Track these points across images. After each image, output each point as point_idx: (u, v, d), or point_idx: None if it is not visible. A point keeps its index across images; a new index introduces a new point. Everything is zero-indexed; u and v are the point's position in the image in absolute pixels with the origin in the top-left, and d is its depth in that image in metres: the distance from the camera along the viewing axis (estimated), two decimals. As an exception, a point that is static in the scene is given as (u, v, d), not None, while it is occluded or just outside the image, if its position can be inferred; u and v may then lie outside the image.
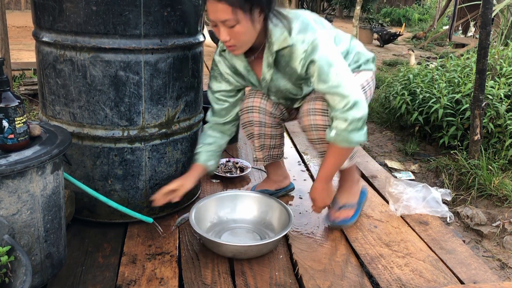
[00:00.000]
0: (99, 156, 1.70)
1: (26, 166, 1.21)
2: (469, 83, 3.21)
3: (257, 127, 1.90)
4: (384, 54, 8.34)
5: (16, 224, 1.25)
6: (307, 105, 1.68)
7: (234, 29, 1.48)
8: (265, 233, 1.79)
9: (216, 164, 1.83)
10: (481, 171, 2.56)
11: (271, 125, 1.91)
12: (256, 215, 1.88)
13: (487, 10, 2.58)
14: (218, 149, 1.83)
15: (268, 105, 1.87)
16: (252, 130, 1.91)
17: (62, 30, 1.59)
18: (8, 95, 1.27)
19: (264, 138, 1.94)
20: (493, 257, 2.05)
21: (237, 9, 1.44)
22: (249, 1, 1.45)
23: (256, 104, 1.86)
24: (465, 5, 7.68)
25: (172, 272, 1.55)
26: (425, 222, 1.99)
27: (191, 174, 1.75)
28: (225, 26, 1.48)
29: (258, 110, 1.86)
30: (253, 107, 1.87)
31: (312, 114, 1.66)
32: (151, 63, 1.64)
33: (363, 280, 1.57)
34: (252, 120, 1.88)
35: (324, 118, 1.65)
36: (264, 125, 1.89)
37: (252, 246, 1.65)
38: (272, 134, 1.94)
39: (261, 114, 1.87)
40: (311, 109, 1.66)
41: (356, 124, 1.53)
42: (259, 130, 1.91)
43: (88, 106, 1.64)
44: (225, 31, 1.50)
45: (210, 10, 1.48)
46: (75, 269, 1.54)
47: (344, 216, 1.85)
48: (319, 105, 1.65)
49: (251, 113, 1.87)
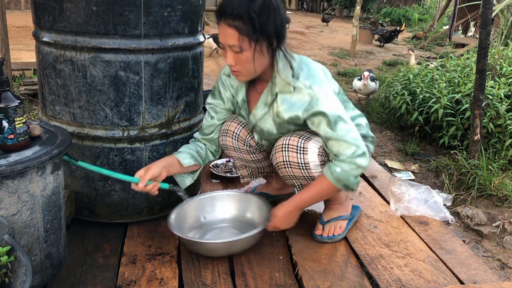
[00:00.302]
0: (99, 156, 1.70)
1: (26, 166, 1.21)
2: (469, 83, 3.21)
3: (233, 151, 1.84)
4: (384, 54, 8.34)
5: (16, 224, 1.25)
6: (282, 141, 1.63)
7: (240, 55, 1.50)
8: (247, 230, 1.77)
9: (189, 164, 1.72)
10: (481, 171, 2.56)
11: (248, 152, 1.83)
12: (236, 213, 1.87)
13: (487, 10, 2.58)
14: (197, 154, 1.75)
15: (242, 132, 1.79)
16: (229, 153, 1.87)
17: (62, 30, 1.59)
18: (8, 95, 1.27)
19: (245, 161, 1.89)
20: (493, 257, 2.05)
21: (244, 37, 1.45)
22: (257, 33, 1.46)
23: (231, 128, 1.79)
24: (465, 5, 7.68)
25: (172, 273, 1.55)
26: (425, 222, 1.99)
27: (159, 161, 1.65)
28: (232, 51, 1.50)
29: (232, 135, 1.79)
30: (228, 131, 1.80)
31: (285, 150, 1.61)
32: (151, 63, 1.64)
33: (363, 281, 1.57)
34: (225, 144, 1.82)
35: (297, 156, 1.60)
36: (239, 151, 1.83)
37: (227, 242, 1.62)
38: (254, 159, 1.86)
39: (235, 140, 1.80)
40: (285, 144, 1.62)
41: (360, 171, 1.55)
42: (237, 155, 1.86)
43: (88, 106, 1.64)
44: (231, 56, 1.51)
45: (220, 32, 1.51)
46: (75, 269, 1.54)
47: (331, 232, 1.80)
48: (294, 141, 1.60)
49: (225, 136, 1.80)
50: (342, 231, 1.81)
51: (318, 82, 1.56)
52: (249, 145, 1.81)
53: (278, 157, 1.64)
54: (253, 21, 1.44)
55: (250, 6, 1.44)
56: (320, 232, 1.80)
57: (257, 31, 1.46)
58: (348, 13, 15.22)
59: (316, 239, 1.79)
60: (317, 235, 1.79)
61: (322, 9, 16.63)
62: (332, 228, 1.80)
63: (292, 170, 1.63)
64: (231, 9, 1.45)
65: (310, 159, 1.59)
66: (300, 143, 1.59)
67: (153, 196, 1.79)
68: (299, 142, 1.60)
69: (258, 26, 1.45)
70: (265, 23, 1.45)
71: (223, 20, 1.47)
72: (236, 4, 1.45)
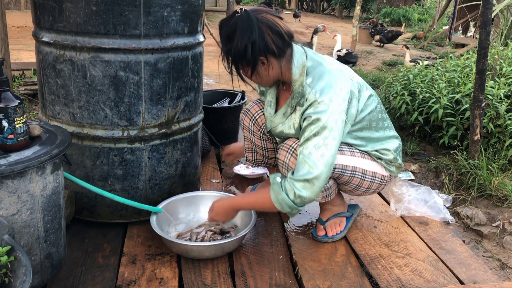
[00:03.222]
0: (99, 156, 1.70)
1: (26, 166, 1.21)
2: (469, 83, 3.21)
3: (247, 131, 1.94)
4: (384, 54, 8.34)
5: (16, 224, 1.25)
6: (291, 142, 1.63)
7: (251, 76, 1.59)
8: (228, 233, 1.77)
9: None
10: (481, 171, 2.56)
11: (260, 138, 1.91)
12: None
13: (487, 10, 2.58)
14: None
15: (261, 118, 1.88)
16: (243, 132, 1.97)
17: (62, 30, 1.59)
18: (8, 95, 1.26)
19: (254, 145, 1.95)
20: (493, 257, 2.05)
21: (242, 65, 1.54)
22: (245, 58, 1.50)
23: (252, 110, 1.90)
24: (465, 5, 7.68)
25: (172, 272, 1.55)
26: (425, 222, 1.99)
27: (241, 145, 2.12)
28: None
29: (250, 117, 1.90)
30: (249, 112, 1.91)
31: (289, 152, 1.61)
32: (151, 63, 1.64)
33: (362, 281, 1.57)
34: (243, 123, 1.94)
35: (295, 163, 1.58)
36: (253, 134, 1.91)
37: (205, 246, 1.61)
38: (263, 146, 1.94)
39: (251, 123, 1.90)
40: (291, 147, 1.62)
41: (298, 200, 1.48)
42: (249, 136, 1.94)
43: (88, 106, 1.64)
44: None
45: None
46: (75, 269, 1.54)
47: (333, 232, 1.80)
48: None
49: (245, 116, 1.92)
50: (342, 228, 1.82)
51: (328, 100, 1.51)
52: (263, 132, 1.89)
53: (281, 155, 1.65)
54: (238, 59, 1.51)
55: (227, 44, 1.52)
56: (323, 233, 1.80)
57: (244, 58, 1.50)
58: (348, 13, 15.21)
59: (318, 240, 1.79)
60: (319, 236, 1.79)
61: (322, 9, 16.63)
62: (333, 226, 1.81)
63: (287, 173, 1.63)
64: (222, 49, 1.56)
65: None
66: None
67: (153, 196, 1.80)
68: None
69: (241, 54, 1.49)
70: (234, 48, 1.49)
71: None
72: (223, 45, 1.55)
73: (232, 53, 1.51)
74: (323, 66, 1.58)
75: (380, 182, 1.75)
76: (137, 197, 1.77)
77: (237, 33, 1.48)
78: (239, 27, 1.48)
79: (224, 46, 1.54)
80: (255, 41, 1.48)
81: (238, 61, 1.53)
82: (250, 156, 2.01)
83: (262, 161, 1.99)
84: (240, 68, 1.56)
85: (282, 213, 1.98)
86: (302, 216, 1.99)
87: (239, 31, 1.48)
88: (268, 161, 1.98)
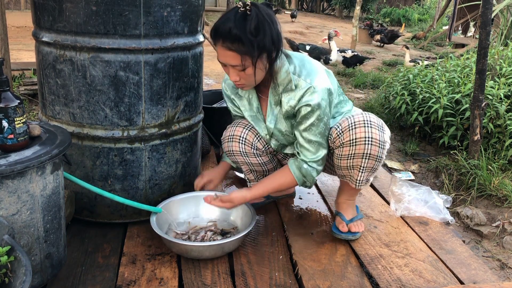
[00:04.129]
0: (99, 156, 1.70)
1: (26, 166, 1.21)
2: (469, 83, 3.21)
3: (239, 156, 1.86)
4: (384, 54, 8.34)
5: (16, 224, 1.25)
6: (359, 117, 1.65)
7: (243, 71, 1.54)
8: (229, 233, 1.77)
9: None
10: (481, 171, 2.56)
11: (255, 155, 1.85)
12: (219, 215, 1.86)
13: (487, 10, 2.58)
14: None
15: (249, 136, 1.82)
16: (235, 159, 1.88)
17: (62, 30, 1.59)
18: (7, 95, 1.26)
19: (251, 165, 1.90)
20: (493, 257, 2.05)
21: (245, 57, 1.50)
22: (258, 49, 1.49)
23: (237, 133, 1.82)
24: (465, 5, 7.68)
25: (172, 273, 1.55)
26: (425, 222, 1.99)
27: (218, 170, 1.95)
28: (235, 68, 1.55)
29: (238, 139, 1.82)
30: (234, 137, 1.82)
31: (368, 126, 1.63)
32: (151, 63, 1.64)
33: (362, 281, 1.57)
34: (231, 150, 1.84)
35: (380, 134, 1.63)
36: (246, 155, 1.84)
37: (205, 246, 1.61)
38: (260, 162, 1.89)
39: (241, 144, 1.82)
40: (367, 121, 1.64)
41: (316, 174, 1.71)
42: (243, 160, 1.86)
43: (88, 106, 1.64)
44: (235, 73, 1.56)
45: (220, 53, 1.54)
46: (75, 269, 1.54)
47: (357, 229, 1.80)
48: (374, 118, 1.65)
49: (231, 142, 1.83)
50: (363, 227, 1.84)
51: (317, 79, 1.61)
52: (256, 147, 1.84)
53: (358, 133, 1.63)
54: (251, 41, 1.47)
55: (246, 27, 1.47)
56: (346, 229, 1.79)
57: (256, 49, 1.49)
58: (348, 13, 15.22)
59: (342, 237, 1.78)
60: (343, 232, 1.79)
61: (322, 9, 16.64)
62: (356, 226, 1.81)
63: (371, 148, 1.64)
64: (228, 32, 1.47)
65: (386, 138, 1.67)
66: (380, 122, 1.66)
67: (153, 196, 1.80)
68: (379, 121, 1.66)
69: (257, 45, 1.48)
70: (262, 40, 1.49)
71: (221, 43, 1.50)
72: (232, 26, 1.47)
73: (263, 44, 1.50)
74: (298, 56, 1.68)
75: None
76: (137, 197, 1.77)
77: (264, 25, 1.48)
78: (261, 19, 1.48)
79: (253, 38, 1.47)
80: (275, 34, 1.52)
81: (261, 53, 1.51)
82: (251, 176, 1.97)
83: (263, 175, 1.96)
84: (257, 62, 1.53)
85: (282, 213, 1.99)
86: (302, 216, 1.99)
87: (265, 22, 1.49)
88: (269, 173, 1.95)
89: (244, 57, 1.50)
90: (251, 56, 1.50)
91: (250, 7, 1.48)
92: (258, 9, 1.50)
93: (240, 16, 1.48)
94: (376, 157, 1.64)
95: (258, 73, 1.57)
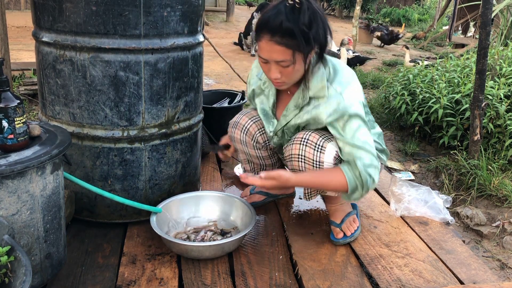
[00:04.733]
0: (99, 156, 1.70)
1: (26, 166, 1.21)
2: (468, 83, 3.21)
3: (239, 144, 1.89)
4: (384, 54, 8.34)
5: (16, 224, 1.25)
6: (302, 134, 1.62)
7: (287, 68, 1.46)
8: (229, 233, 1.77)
9: None
10: (481, 171, 2.56)
11: (254, 147, 1.87)
12: (219, 215, 1.86)
13: (487, 10, 2.58)
14: None
15: (252, 128, 1.84)
16: (235, 145, 1.92)
17: (62, 30, 1.59)
18: (7, 95, 1.27)
19: (249, 156, 1.92)
20: (493, 257, 2.05)
21: (296, 52, 1.42)
22: (310, 44, 1.43)
23: (241, 122, 1.85)
24: (465, 5, 7.68)
25: (172, 273, 1.55)
26: (425, 222, 1.99)
27: None
28: (278, 65, 1.47)
29: (241, 128, 1.85)
30: (238, 124, 1.86)
31: (303, 144, 1.60)
32: (151, 63, 1.64)
33: (362, 281, 1.57)
34: (233, 136, 1.88)
35: (314, 153, 1.58)
36: (246, 145, 1.87)
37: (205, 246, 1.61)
38: (258, 155, 1.90)
39: (243, 134, 1.85)
40: (304, 139, 1.60)
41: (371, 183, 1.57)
42: (242, 148, 1.90)
43: (88, 106, 1.64)
44: (277, 70, 1.48)
45: (265, 48, 1.45)
46: (75, 269, 1.54)
47: (351, 230, 1.80)
48: (314, 138, 1.59)
49: (235, 129, 1.87)
50: (357, 224, 1.83)
51: (349, 89, 1.55)
52: (256, 141, 1.85)
53: (294, 149, 1.62)
54: (305, 34, 1.39)
55: (299, 19, 1.39)
56: (341, 235, 1.78)
57: (308, 43, 1.42)
58: (347, 13, 15.21)
59: (340, 243, 1.77)
60: (339, 239, 1.78)
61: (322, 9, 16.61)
62: (348, 225, 1.81)
63: (305, 165, 1.62)
64: (279, 25, 1.39)
65: (325, 159, 1.58)
66: (320, 142, 1.59)
67: (153, 196, 1.80)
68: (319, 140, 1.59)
69: (310, 39, 1.41)
70: (316, 34, 1.42)
71: (270, 37, 1.41)
72: (283, 19, 1.38)
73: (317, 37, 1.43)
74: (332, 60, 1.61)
75: None
76: (137, 197, 1.77)
77: (317, 17, 1.42)
78: (314, 11, 1.41)
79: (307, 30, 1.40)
80: (327, 28, 1.46)
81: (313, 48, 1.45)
82: (247, 166, 1.99)
83: (261, 168, 1.97)
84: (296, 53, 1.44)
85: (282, 213, 1.99)
86: (302, 216, 1.99)
87: (317, 15, 1.42)
88: (266, 168, 1.96)
89: (293, 51, 1.42)
90: (303, 50, 1.42)
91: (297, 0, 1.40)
92: (308, 1, 1.42)
93: (291, 8, 1.39)
94: None
95: (301, 70, 1.49)
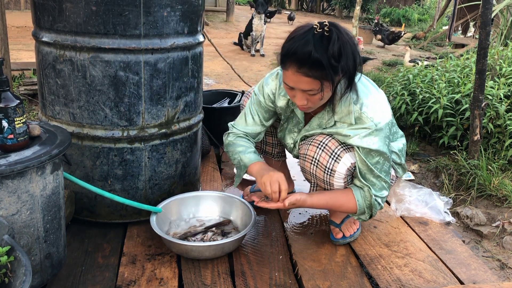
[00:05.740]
0: (99, 156, 1.70)
1: (26, 166, 1.21)
2: (468, 83, 3.21)
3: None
4: (384, 54, 8.34)
5: (16, 224, 1.25)
6: (322, 138, 1.60)
7: (314, 96, 1.43)
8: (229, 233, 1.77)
9: None
10: (481, 171, 2.56)
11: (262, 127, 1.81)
12: (219, 215, 1.86)
13: (487, 10, 2.58)
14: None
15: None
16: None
17: (62, 30, 1.59)
18: (7, 95, 1.27)
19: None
20: (493, 257, 2.05)
21: (326, 82, 1.39)
22: (338, 75, 1.40)
23: None
24: (464, 5, 7.68)
25: (172, 273, 1.55)
26: (425, 222, 1.99)
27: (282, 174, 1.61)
28: (305, 93, 1.43)
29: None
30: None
31: (320, 148, 1.59)
32: (151, 63, 1.64)
33: (362, 281, 1.57)
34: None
35: (328, 160, 1.58)
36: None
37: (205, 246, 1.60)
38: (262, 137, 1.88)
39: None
40: (322, 143, 1.59)
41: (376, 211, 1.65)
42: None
43: (88, 106, 1.64)
44: (304, 97, 1.45)
45: (292, 79, 1.41)
46: (75, 269, 1.54)
47: (350, 231, 1.80)
48: (332, 145, 1.58)
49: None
50: (357, 226, 1.83)
51: (381, 113, 1.53)
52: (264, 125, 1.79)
53: (310, 150, 1.61)
54: (334, 67, 1.36)
55: (328, 51, 1.34)
56: (340, 235, 1.79)
57: (338, 74, 1.39)
58: (347, 13, 15.21)
59: (339, 243, 1.78)
60: (339, 239, 1.78)
61: (322, 9, 16.63)
62: (348, 226, 1.81)
63: (316, 169, 1.62)
64: (307, 57, 1.34)
65: (339, 169, 1.58)
66: (337, 150, 1.57)
67: (153, 196, 1.80)
68: (337, 148, 1.57)
69: (339, 70, 1.38)
70: (346, 65, 1.38)
71: (297, 69, 1.37)
72: (312, 49, 1.33)
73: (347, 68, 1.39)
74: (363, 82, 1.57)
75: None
76: (137, 197, 1.77)
77: (347, 47, 1.37)
78: (344, 41, 1.36)
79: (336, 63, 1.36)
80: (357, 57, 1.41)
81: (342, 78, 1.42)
82: None
83: (261, 149, 2.00)
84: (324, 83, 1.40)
85: (282, 213, 1.99)
86: (301, 216, 1.99)
87: (347, 45, 1.37)
88: (266, 150, 2.00)
89: (322, 82, 1.38)
90: (331, 81, 1.38)
91: (329, 27, 1.35)
92: (338, 29, 1.37)
93: (319, 37, 1.35)
94: (324, 181, 1.63)
95: (327, 97, 1.47)
